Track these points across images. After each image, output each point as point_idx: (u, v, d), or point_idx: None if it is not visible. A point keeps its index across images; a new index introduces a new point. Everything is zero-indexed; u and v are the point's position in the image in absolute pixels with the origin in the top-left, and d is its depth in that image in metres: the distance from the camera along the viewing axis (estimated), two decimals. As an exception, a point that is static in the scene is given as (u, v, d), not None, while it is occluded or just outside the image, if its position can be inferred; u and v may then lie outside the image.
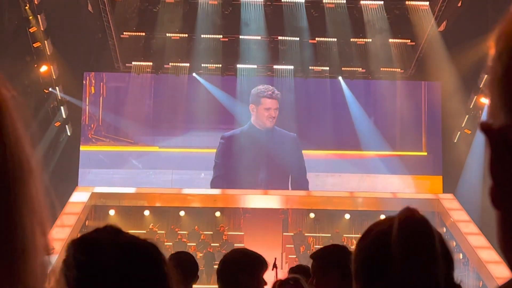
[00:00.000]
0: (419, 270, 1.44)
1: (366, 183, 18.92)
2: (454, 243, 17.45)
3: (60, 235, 15.54)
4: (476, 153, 17.95)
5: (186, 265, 4.16)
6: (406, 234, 1.48)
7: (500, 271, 14.98)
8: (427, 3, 18.19)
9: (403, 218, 1.50)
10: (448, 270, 1.52)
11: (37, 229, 0.71)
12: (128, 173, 18.91)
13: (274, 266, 6.11)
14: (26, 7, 15.77)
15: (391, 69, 19.45)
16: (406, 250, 1.46)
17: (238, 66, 19.32)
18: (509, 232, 0.66)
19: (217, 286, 3.90)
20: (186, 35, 18.90)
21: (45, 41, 16.70)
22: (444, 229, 17.87)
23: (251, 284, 3.74)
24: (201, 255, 17.03)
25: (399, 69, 19.51)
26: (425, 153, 19.85)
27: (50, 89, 17.81)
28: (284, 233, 19.12)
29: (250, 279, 3.76)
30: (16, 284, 0.66)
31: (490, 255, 15.86)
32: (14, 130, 0.70)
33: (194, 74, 19.52)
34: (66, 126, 18.90)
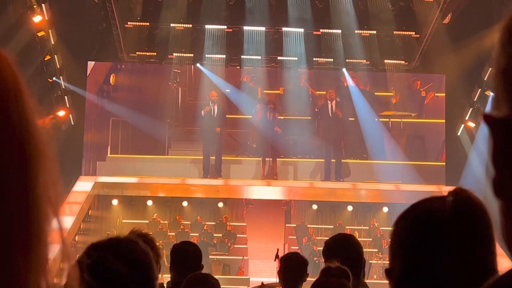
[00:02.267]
0: (473, 253, 1.40)
1: (368, 172, 18.93)
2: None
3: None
4: (479, 146, 17.96)
5: (191, 255, 4.19)
6: (461, 215, 1.43)
7: (502, 264, 14.99)
8: (432, -5, 18.15)
9: (458, 198, 1.46)
10: (493, 258, 1.49)
11: (51, 214, 0.72)
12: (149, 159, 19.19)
13: (277, 257, 6.13)
14: (31, -4, 15.78)
15: (396, 61, 19.42)
16: (460, 233, 1.41)
17: (242, 57, 19.31)
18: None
19: (217, 276, 3.92)
20: (190, 26, 18.89)
21: (49, 30, 16.70)
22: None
23: None
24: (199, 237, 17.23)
25: (403, 61, 19.47)
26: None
27: (54, 78, 17.82)
28: (286, 224, 19.16)
29: None
30: (31, 268, 0.67)
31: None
32: (29, 113, 0.71)
33: (198, 65, 19.55)
34: (70, 115, 18.92)
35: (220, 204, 18.93)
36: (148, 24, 18.94)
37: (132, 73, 20.41)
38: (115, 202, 18.44)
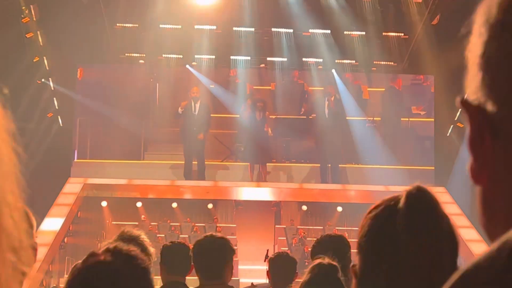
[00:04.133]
0: (423, 247, 1.43)
1: (358, 174, 18.88)
2: (446, 236, 17.52)
3: (52, 226, 15.54)
4: (468, 147, 17.99)
5: (180, 257, 4.16)
6: (413, 209, 1.46)
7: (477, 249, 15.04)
8: (421, -4, 18.22)
9: (412, 194, 1.49)
10: (452, 254, 1.50)
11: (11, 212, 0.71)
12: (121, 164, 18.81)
13: (266, 257, 6.12)
14: (19, -3, 15.73)
15: (384, 62, 19.48)
16: (411, 226, 1.44)
17: (232, 57, 19.31)
18: (490, 205, 0.68)
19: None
20: (180, 27, 18.87)
21: (38, 32, 16.66)
22: (436, 222, 17.93)
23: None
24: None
25: (392, 63, 19.54)
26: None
27: (43, 80, 17.76)
28: (276, 226, 19.13)
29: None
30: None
31: (481, 248, 15.94)
32: None
33: (187, 66, 19.48)
34: (59, 117, 18.85)
35: (210, 206, 18.89)
36: (137, 25, 18.91)
37: (103, 66, 19.22)
38: (104, 203, 18.38)
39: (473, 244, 16.18)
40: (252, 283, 6.12)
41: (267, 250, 8.68)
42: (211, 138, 18.42)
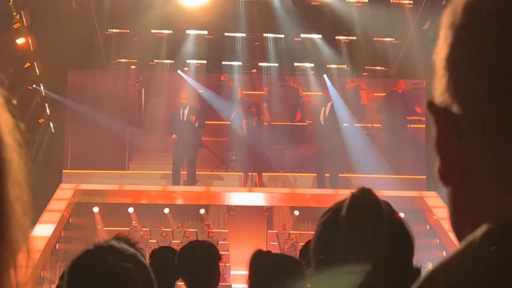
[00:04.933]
0: (361, 248, 1.43)
1: (351, 182, 18.88)
2: (438, 241, 17.55)
3: (44, 232, 15.49)
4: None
5: (169, 262, 4.14)
6: (354, 212, 1.47)
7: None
8: (412, 1, 18.27)
9: (354, 197, 1.51)
10: (403, 254, 1.50)
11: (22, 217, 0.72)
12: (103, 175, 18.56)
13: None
14: (10, 3, 15.68)
15: (375, 67, 19.52)
16: (351, 229, 1.45)
17: (223, 63, 19.31)
18: (458, 206, 0.69)
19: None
20: (171, 32, 18.86)
21: (29, 37, 16.62)
22: (428, 227, 17.96)
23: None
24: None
25: (383, 67, 19.58)
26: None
27: (34, 85, 17.71)
28: (268, 231, 19.12)
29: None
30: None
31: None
32: None
33: (179, 71, 19.45)
34: (50, 123, 18.80)
35: (202, 211, 18.86)
36: (128, 31, 18.88)
37: (93, 71, 18.99)
38: (96, 209, 18.32)
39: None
40: (243, 288, 6.11)
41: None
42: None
